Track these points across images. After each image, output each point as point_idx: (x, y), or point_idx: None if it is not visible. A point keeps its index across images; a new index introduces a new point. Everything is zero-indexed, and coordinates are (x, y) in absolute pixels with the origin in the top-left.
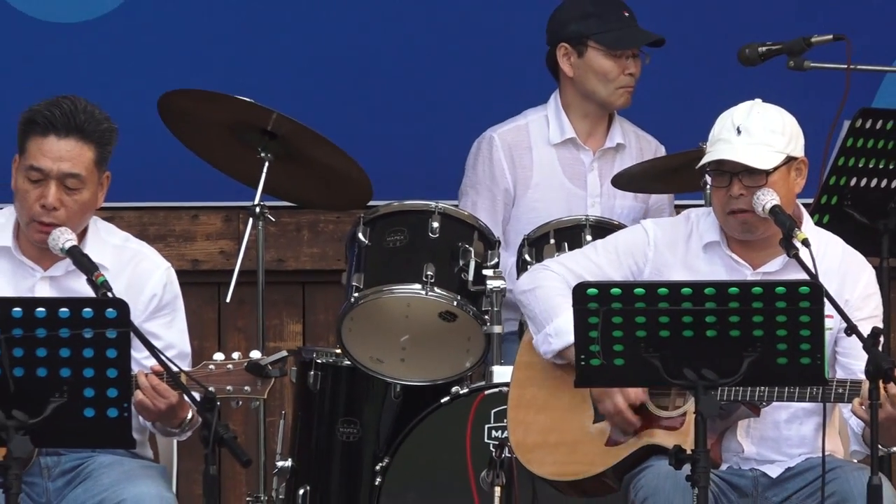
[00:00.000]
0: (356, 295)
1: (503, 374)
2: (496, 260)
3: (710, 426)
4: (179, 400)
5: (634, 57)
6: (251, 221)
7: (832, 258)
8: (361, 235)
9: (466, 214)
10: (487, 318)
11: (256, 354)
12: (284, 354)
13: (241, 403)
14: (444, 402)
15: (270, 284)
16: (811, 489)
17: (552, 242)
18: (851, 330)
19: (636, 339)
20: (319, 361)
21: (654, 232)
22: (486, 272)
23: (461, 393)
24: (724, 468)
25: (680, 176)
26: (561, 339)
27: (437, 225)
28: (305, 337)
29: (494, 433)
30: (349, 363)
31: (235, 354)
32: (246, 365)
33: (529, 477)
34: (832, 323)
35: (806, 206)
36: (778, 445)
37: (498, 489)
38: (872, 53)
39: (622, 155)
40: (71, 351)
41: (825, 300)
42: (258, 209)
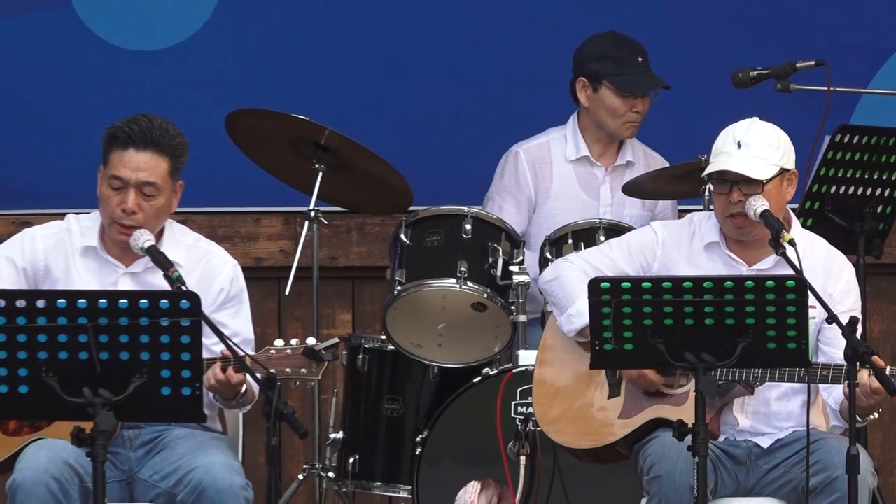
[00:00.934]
0: (399, 288)
1: (528, 357)
2: (521, 258)
3: (708, 403)
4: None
5: (644, 97)
6: (307, 224)
7: (818, 257)
8: (403, 236)
9: (495, 218)
10: (514, 308)
11: (312, 341)
12: (336, 341)
13: (298, 384)
14: (475, 381)
15: (324, 279)
16: (798, 458)
17: (570, 242)
18: (832, 319)
19: (644, 326)
20: (367, 346)
21: (661, 232)
22: (512, 268)
23: (491, 374)
24: (721, 439)
25: (682, 183)
26: (581, 318)
27: (469, 227)
28: (354, 325)
29: (520, 409)
30: (393, 348)
31: (293, 341)
32: (303, 350)
33: (551, 446)
34: (815, 313)
35: (792, 210)
36: (769, 420)
37: (523, 458)
38: (850, 77)
39: (631, 171)
40: (150, 337)
41: (809, 293)
42: (313, 213)
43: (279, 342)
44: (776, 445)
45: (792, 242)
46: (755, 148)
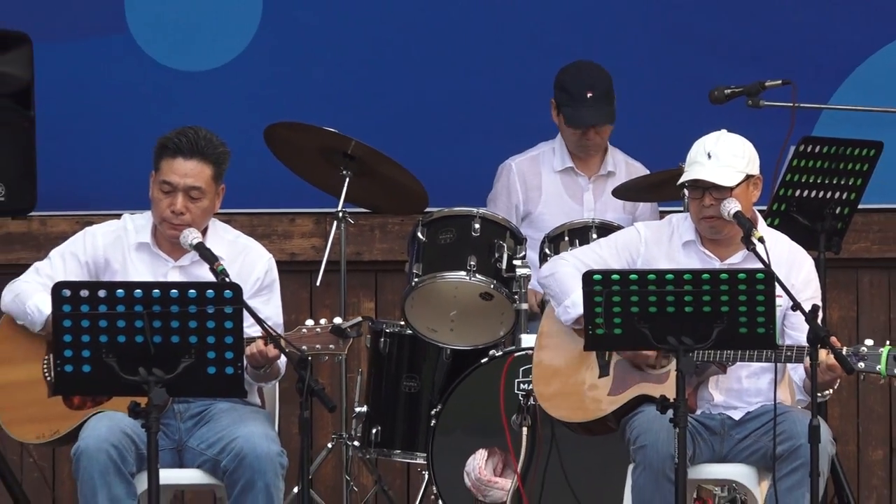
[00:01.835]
0: (416, 280)
1: (529, 340)
2: (524, 253)
3: (687, 380)
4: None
5: (595, 127)
6: (335, 223)
7: (781, 251)
8: (420, 234)
9: (501, 218)
10: (517, 297)
11: (338, 320)
12: (360, 319)
13: (327, 359)
14: (483, 362)
15: (350, 272)
16: (766, 429)
17: (566, 240)
18: (796, 306)
19: (631, 313)
20: (388, 331)
21: (644, 232)
22: (515, 262)
23: (497, 355)
24: (698, 413)
25: (663, 188)
26: (576, 308)
27: (478, 226)
28: (377, 312)
29: (522, 385)
30: (411, 332)
31: (322, 320)
32: (331, 328)
33: (549, 420)
34: (781, 302)
35: (761, 211)
36: (740, 395)
37: (525, 429)
38: (813, 94)
39: (613, 180)
40: (197, 323)
41: (776, 284)
42: (341, 214)
43: (310, 322)
44: (747, 417)
45: (761, 240)
46: (723, 158)
